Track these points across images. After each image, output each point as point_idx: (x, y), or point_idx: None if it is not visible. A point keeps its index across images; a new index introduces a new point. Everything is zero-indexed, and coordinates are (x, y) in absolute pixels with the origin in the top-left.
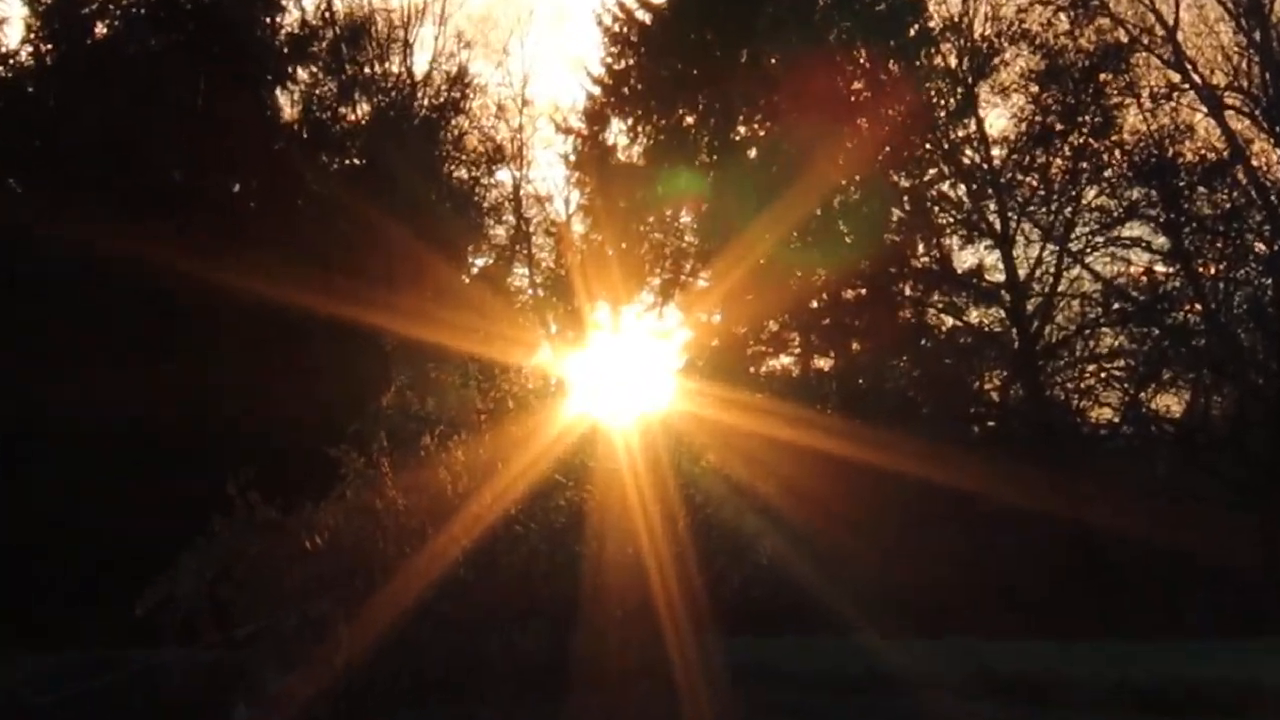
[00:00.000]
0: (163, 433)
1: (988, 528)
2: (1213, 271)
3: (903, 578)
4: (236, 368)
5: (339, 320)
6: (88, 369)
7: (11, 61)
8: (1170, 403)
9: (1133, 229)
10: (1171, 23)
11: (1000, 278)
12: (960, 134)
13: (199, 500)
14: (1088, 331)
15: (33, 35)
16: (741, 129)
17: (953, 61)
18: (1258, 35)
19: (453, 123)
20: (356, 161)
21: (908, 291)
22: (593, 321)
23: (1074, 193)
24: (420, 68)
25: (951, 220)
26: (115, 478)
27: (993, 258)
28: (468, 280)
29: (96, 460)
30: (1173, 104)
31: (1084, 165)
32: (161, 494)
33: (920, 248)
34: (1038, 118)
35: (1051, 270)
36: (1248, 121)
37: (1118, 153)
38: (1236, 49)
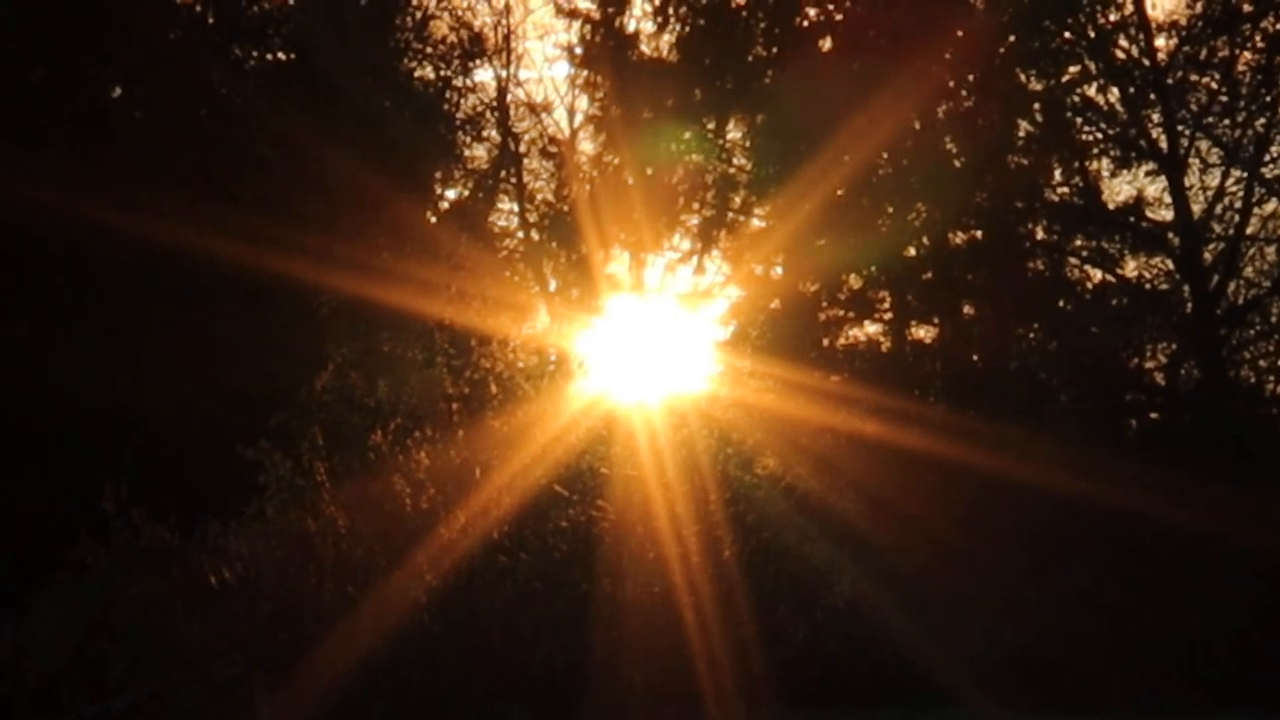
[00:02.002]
0: (8, 426)
1: (1149, 561)
2: None
3: (1032, 630)
4: (114, 337)
5: (256, 274)
6: None
7: None
8: None
9: None
10: None
11: (1167, 215)
12: (1112, 17)
13: (62, 519)
14: None
15: None
16: (811, 11)
17: None
18: None
19: (414, 3)
20: (281, 57)
21: (1040, 234)
22: (607, 276)
23: (1268, 98)
24: None
25: (1100, 136)
26: None
27: (1156, 187)
28: (434, 219)
29: None
30: None
31: None
32: (10, 511)
33: (1058, 174)
34: None
35: (1237, 205)
36: None
37: None
38: None
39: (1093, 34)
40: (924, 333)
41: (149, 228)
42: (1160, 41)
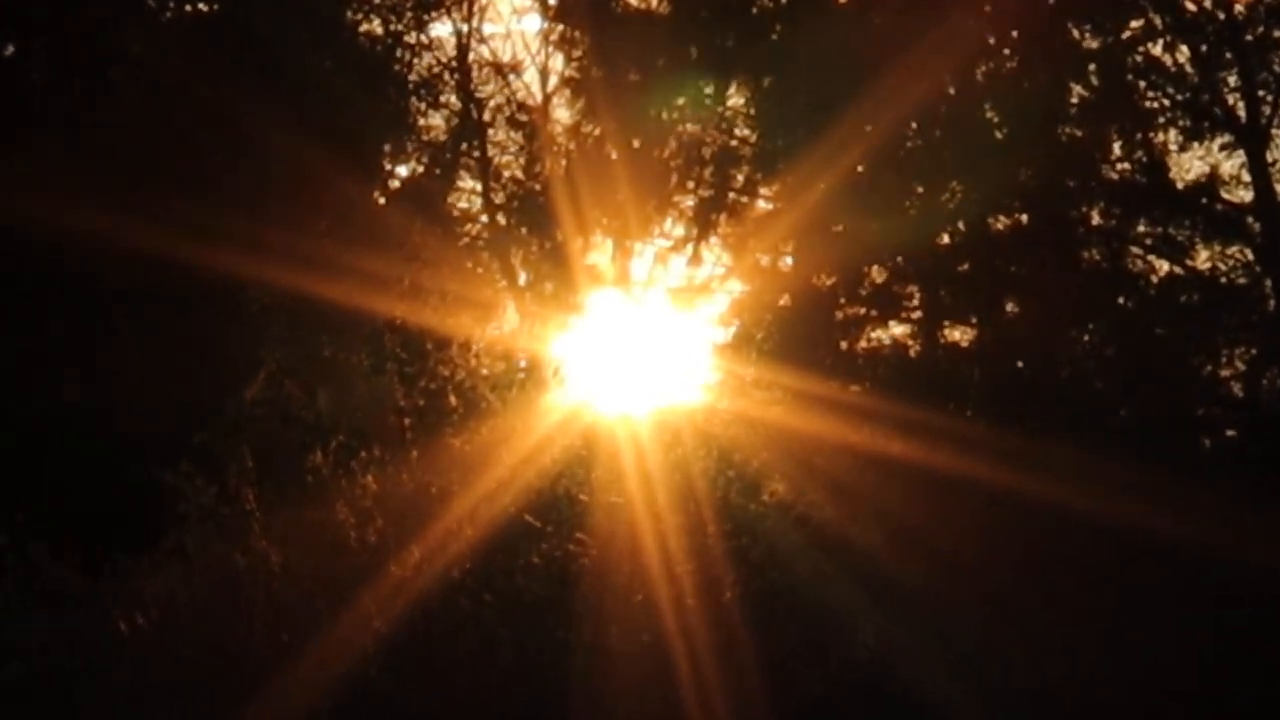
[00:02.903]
0: None
1: (1229, 606)
2: None
3: (1089, 685)
4: (3, 339)
5: (174, 265)
6: None
7: None
8: None
9: None
10: None
11: (1246, 196)
12: None
13: None
14: None
15: None
16: None
17: None
18: None
19: None
20: (203, 8)
21: (1096, 219)
22: (586, 267)
23: None
24: None
25: (1167, 103)
26: None
27: (1233, 163)
28: (384, 201)
29: None
30: None
31: None
32: None
33: (1117, 148)
34: None
35: None
36: None
37: None
38: None
39: None
40: (959, 334)
41: (45, 208)
42: None
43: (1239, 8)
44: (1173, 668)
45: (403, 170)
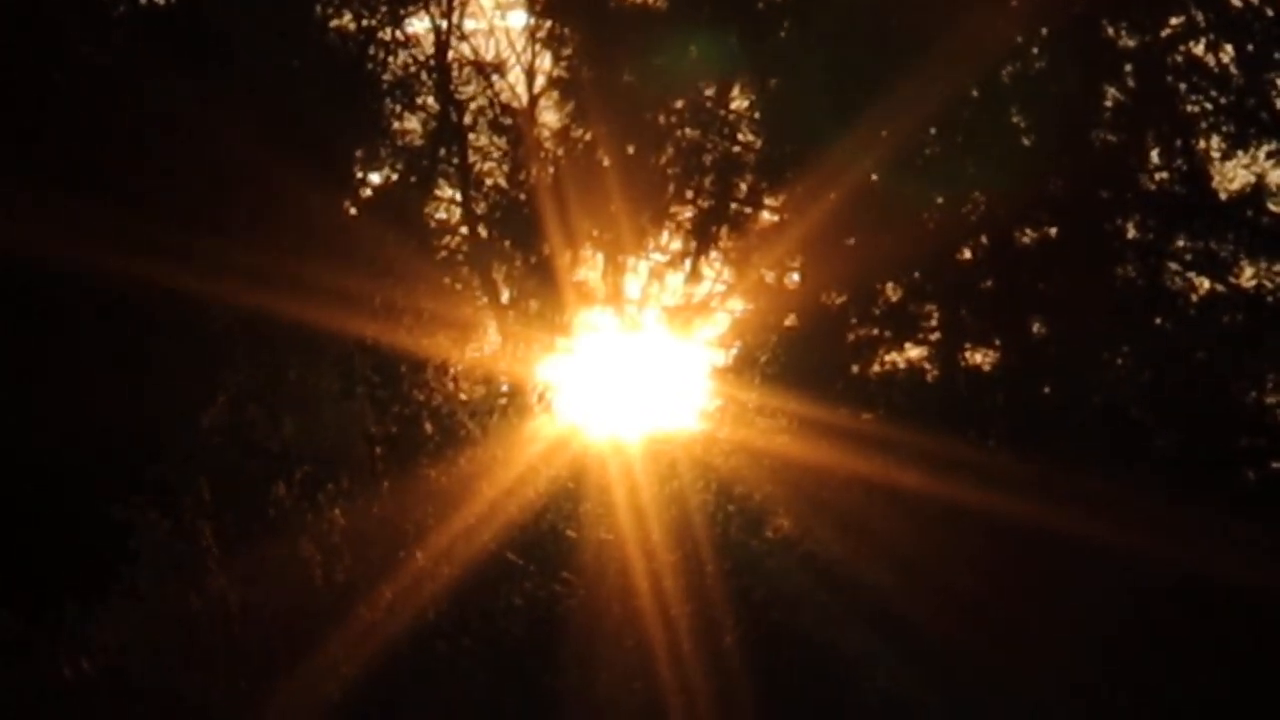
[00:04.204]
0: None
1: (1272, 651)
2: None
3: None
4: None
5: (126, 283)
6: None
7: None
8: None
9: None
10: None
11: None
12: None
13: None
14: None
15: None
16: None
17: None
18: None
19: None
20: (159, 1)
21: (1132, 233)
22: (575, 284)
23: None
24: None
25: (1210, 108)
26: None
27: None
28: (355, 211)
29: None
30: None
31: None
32: None
33: (1155, 156)
34: None
35: None
36: None
37: None
38: None
39: None
40: (981, 357)
41: None
42: None
43: None
44: (1209, 709)
45: (376, 178)
